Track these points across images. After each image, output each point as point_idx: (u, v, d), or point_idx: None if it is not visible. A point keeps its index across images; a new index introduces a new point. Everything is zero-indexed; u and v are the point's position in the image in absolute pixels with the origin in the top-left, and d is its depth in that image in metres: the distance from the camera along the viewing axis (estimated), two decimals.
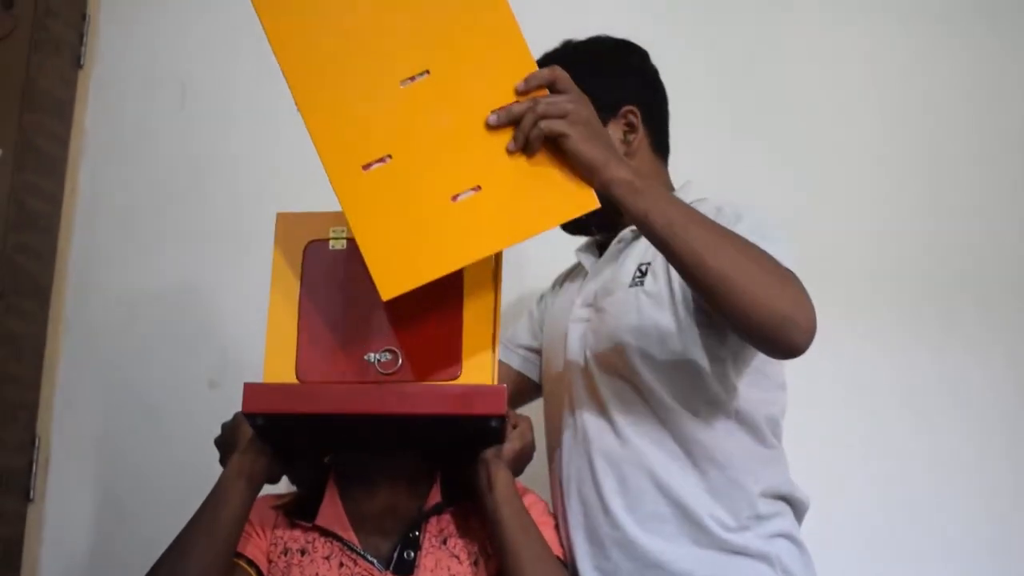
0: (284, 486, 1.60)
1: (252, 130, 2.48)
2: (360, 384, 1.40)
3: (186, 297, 2.42)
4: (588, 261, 1.79)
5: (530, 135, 1.31)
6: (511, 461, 1.51)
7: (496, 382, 1.40)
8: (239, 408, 1.42)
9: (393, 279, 1.31)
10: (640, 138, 1.71)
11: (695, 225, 1.35)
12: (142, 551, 1.52)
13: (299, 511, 1.56)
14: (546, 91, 1.34)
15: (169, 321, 2.41)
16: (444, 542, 1.52)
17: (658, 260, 1.59)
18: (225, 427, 1.55)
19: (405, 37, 1.34)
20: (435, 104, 1.33)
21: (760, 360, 1.59)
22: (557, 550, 1.56)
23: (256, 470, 1.47)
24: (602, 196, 1.34)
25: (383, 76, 1.33)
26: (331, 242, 1.46)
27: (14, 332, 2.31)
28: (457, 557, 1.52)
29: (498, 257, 1.45)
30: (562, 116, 1.31)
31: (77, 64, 2.54)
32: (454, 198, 1.32)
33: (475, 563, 1.52)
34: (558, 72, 1.35)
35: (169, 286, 2.42)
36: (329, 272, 1.46)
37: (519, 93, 1.33)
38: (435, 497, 1.55)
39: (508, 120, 1.32)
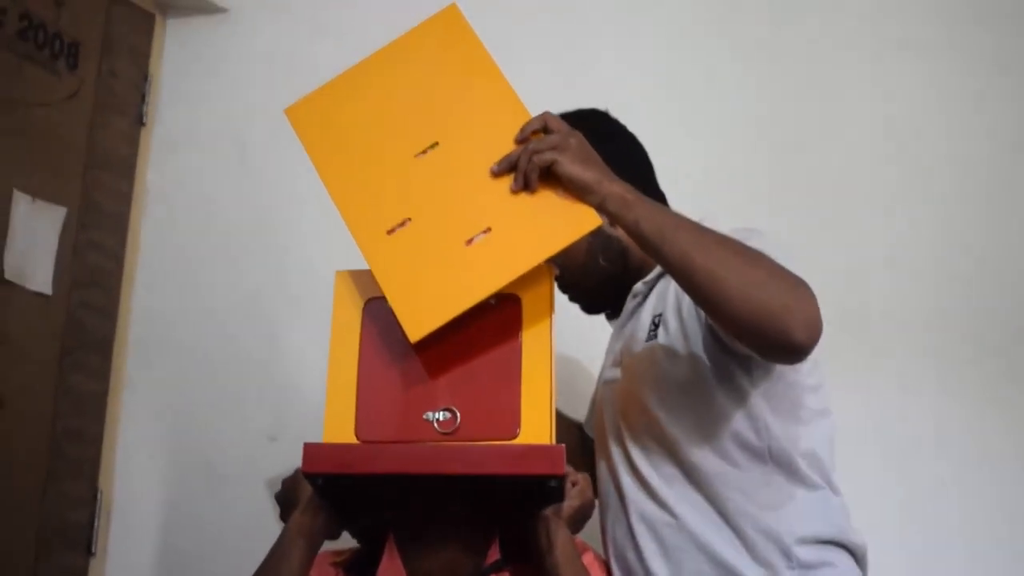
0: (343, 541, 1.61)
1: (311, 188, 2.48)
2: (419, 444, 1.40)
3: (246, 352, 2.44)
4: (615, 324, 1.81)
5: (527, 171, 1.38)
6: (570, 519, 1.50)
7: (554, 441, 1.39)
8: (299, 461, 1.42)
9: (418, 321, 1.39)
10: None
11: (684, 229, 1.38)
12: None
13: (358, 568, 1.56)
14: (541, 135, 1.43)
15: (229, 376, 2.43)
16: None
17: (668, 310, 1.61)
18: (285, 483, 1.56)
19: (415, 117, 1.49)
20: (446, 169, 1.46)
21: (794, 390, 1.57)
22: None
23: (316, 528, 1.48)
24: (601, 214, 1.40)
25: (399, 154, 1.47)
26: None
27: (77, 388, 2.34)
28: None
29: (552, 318, 1.45)
30: (552, 148, 1.38)
31: (139, 122, 2.59)
32: (468, 242, 1.41)
33: None
34: (548, 116, 1.44)
35: (229, 341, 2.44)
36: (388, 330, 1.46)
37: (517, 142, 1.43)
38: (494, 555, 1.54)
39: (508, 166, 1.41)
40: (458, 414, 1.40)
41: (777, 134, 2.47)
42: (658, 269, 1.68)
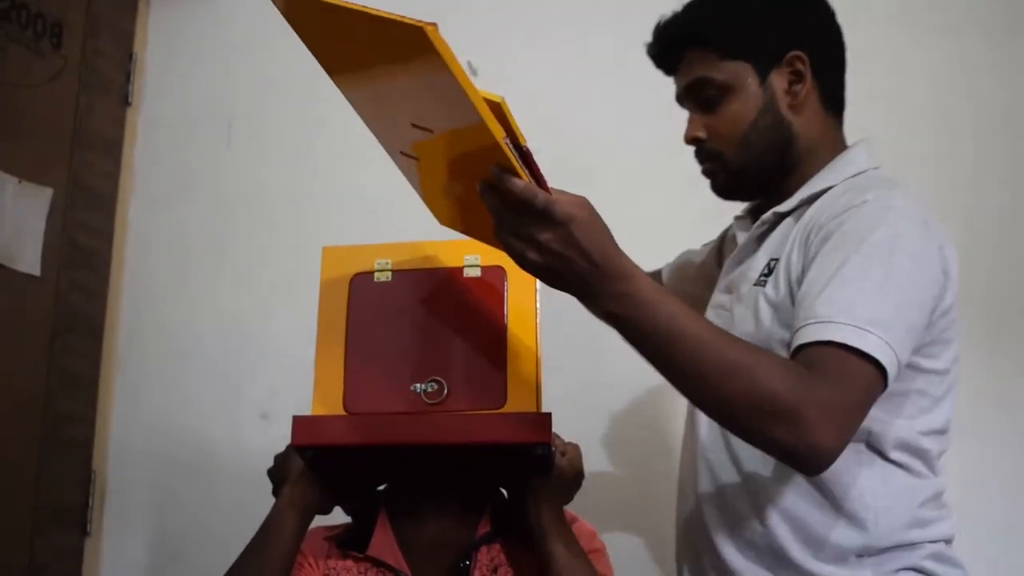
0: (336, 517, 1.61)
1: (298, 166, 2.50)
2: (407, 414, 1.40)
3: (237, 330, 2.44)
4: (741, 236, 1.61)
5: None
6: (559, 489, 1.50)
7: (541, 409, 1.40)
8: (290, 438, 1.43)
9: None
10: (807, 89, 1.52)
11: (674, 356, 1.23)
12: None
13: (351, 542, 1.56)
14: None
15: (221, 354, 2.43)
16: (495, 571, 1.52)
17: (783, 261, 1.45)
18: (277, 458, 1.56)
19: (412, 104, 1.20)
20: (437, 153, 1.26)
21: (917, 382, 1.42)
22: None
23: (307, 501, 1.49)
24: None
25: (397, 113, 1.24)
26: (376, 274, 1.47)
27: (69, 369, 2.34)
28: None
29: (537, 287, 1.45)
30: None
31: (125, 102, 2.58)
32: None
33: None
34: (550, 205, 1.15)
35: (220, 320, 2.45)
36: (374, 304, 1.47)
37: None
38: (485, 527, 1.55)
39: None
40: (445, 385, 1.41)
41: None
42: (794, 200, 1.51)
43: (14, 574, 2.17)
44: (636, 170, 2.36)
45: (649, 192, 2.32)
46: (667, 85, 1.62)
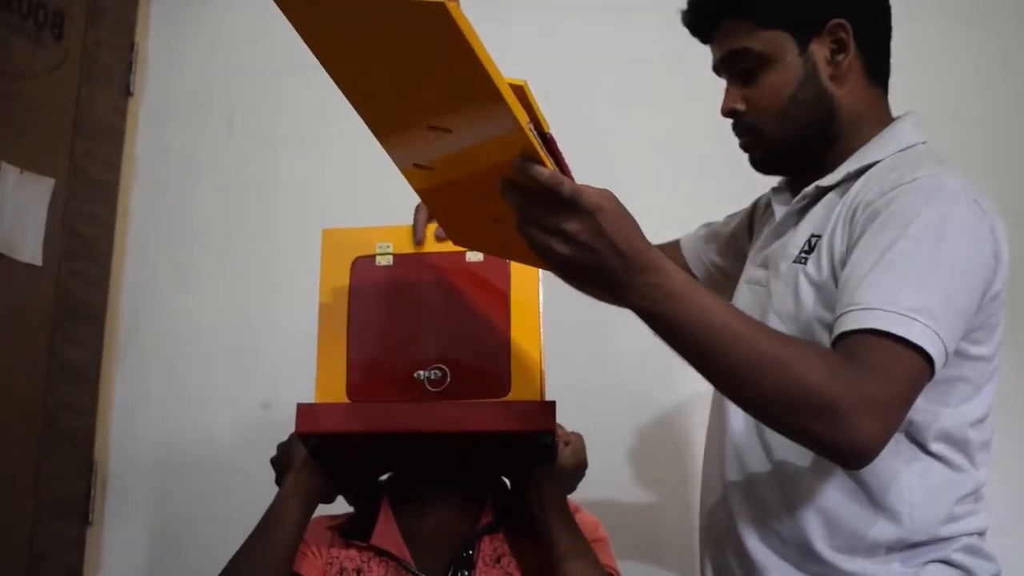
0: (339, 506, 1.61)
1: (299, 157, 2.50)
2: (410, 402, 1.40)
3: (238, 320, 2.44)
4: (779, 210, 1.55)
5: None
6: (562, 479, 1.50)
7: (544, 398, 1.39)
8: (293, 428, 1.43)
9: None
10: (851, 59, 1.45)
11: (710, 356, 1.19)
12: (200, 571, 1.53)
13: (354, 531, 1.56)
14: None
15: (222, 344, 2.43)
16: (498, 560, 1.52)
17: (826, 237, 1.40)
18: (280, 447, 1.56)
19: (429, 101, 1.13)
20: (456, 156, 1.19)
21: (964, 369, 1.37)
22: (611, 567, 1.54)
23: (310, 489, 1.49)
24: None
25: (412, 116, 1.16)
26: (378, 258, 1.47)
27: (70, 359, 2.34)
28: None
29: (540, 276, 1.44)
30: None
31: (127, 92, 2.58)
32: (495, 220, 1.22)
33: None
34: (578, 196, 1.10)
35: (221, 309, 2.45)
36: (377, 288, 1.46)
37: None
38: (487, 517, 1.54)
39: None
40: (448, 372, 1.40)
41: None
42: (839, 174, 1.45)
43: (16, 564, 2.17)
44: (639, 165, 2.35)
45: (651, 189, 2.31)
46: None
